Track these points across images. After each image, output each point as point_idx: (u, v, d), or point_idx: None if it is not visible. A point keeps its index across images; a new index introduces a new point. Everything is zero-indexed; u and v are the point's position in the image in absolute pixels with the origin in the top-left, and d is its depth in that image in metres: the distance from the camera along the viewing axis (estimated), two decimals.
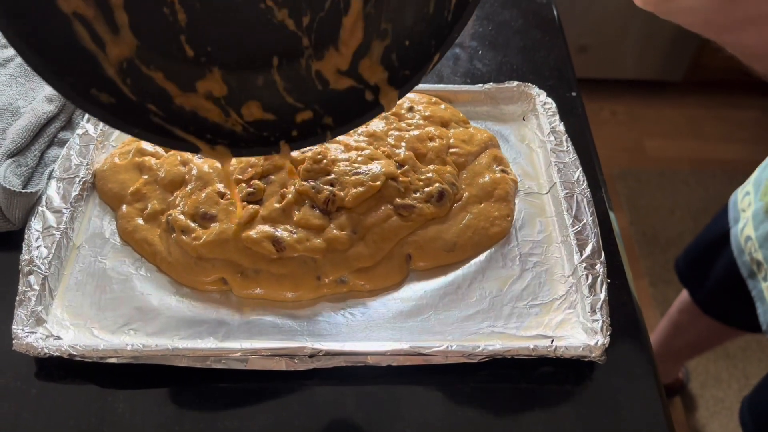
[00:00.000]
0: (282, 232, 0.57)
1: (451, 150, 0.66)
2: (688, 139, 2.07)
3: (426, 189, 0.61)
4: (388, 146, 0.65)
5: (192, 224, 0.57)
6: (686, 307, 1.13)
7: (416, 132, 0.66)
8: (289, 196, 0.59)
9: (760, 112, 2.12)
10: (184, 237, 0.56)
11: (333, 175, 0.60)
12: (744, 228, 0.83)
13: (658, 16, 0.42)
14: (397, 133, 0.66)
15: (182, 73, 0.42)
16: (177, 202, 0.59)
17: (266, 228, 0.57)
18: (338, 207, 0.59)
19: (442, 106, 0.71)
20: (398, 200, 0.60)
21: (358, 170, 0.61)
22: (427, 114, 0.69)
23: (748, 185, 0.85)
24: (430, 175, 0.62)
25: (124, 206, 0.60)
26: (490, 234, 0.60)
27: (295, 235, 0.57)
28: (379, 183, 0.60)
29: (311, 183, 0.59)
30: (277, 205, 0.58)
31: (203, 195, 0.59)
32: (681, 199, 1.87)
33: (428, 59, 0.42)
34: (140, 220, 0.59)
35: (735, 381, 1.50)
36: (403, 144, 0.65)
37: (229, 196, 0.59)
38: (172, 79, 0.42)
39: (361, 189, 0.59)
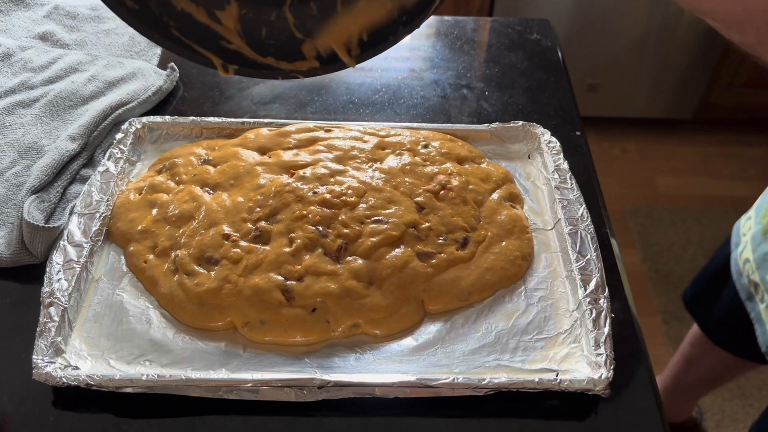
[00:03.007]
0: (291, 281, 0.58)
1: (469, 187, 0.67)
2: (699, 176, 2.07)
3: (449, 234, 0.62)
4: (408, 184, 0.66)
5: (197, 268, 0.59)
6: (697, 340, 1.13)
7: (435, 168, 0.67)
8: (299, 241, 0.60)
9: None
10: (186, 281, 0.58)
11: (347, 230, 0.61)
12: (743, 251, 0.84)
13: None
14: (415, 169, 0.67)
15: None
16: (182, 241, 0.61)
17: (274, 276, 0.58)
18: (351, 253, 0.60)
19: (460, 143, 0.73)
20: (420, 247, 0.61)
21: (377, 217, 0.62)
22: (443, 151, 0.70)
23: (751, 211, 0.87)
24: (454, 218, 0.63)
25: (132, 245, 0.62)
26: (509, 275, 0.60)
27: (303, 282, 0.58)
28: (397, 233, 0.61)
29: (321, 230, 0.61)
30: (286, 250, 0.59)
31: (209, 235, 0.60)
32: (693, 236, 1.87)
33: (431, 2, 0.45)
34: (151, 256, 0.61)
35: (751, 420, 1.47)
36: (422, 181, 0.66)
37: (235, 237, 0.60)
38: (195, 2, 0.46)
39: (377, 239, 0.60)
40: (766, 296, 0.79)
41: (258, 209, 0.62)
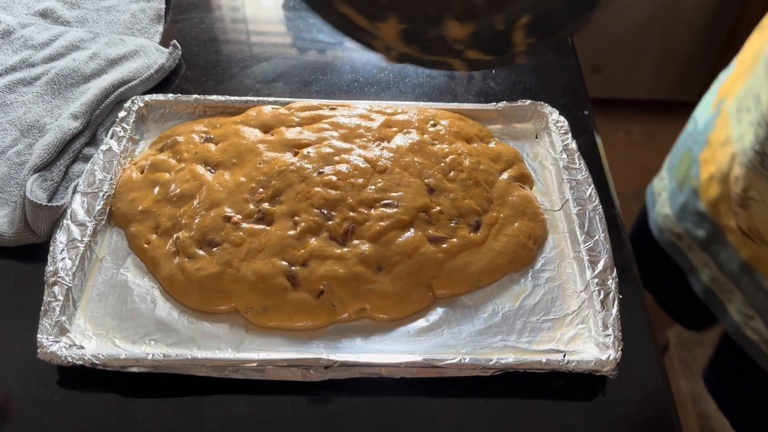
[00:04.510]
0: (295, 266, 0.57)
1: (480, 167, 0.66)
2: None
3: (461, 218, 0.61)
4: (417, 164, 0.64)
5: (198, 251, 0.58)
6: None
7: (445, 147, 0.66)
8: (303, 224, 0.59)
9: None
10: (187, 264, 0.57)
11: (354, 213, 0.60)
12: (661, 208, 0.87)
13: None
14: (425, 149, 0.66)
15: (367, 7, 0.46)
16: (183, 222, 0.60)
17: (277, 260, 0.57)
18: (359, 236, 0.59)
19: (470, 122, 0.71)
20: (431, 231, 0.60)
21: (386, 200, 0.61)
22: (454, 130, 0.69)
23: (663, 172, 0.90)
24: (466, 201, 0.62)
25: (133, 225, 0.61)
26: (520, 258, 0.60)
27: (308, 267, 0.57)
28: (407, 218, 0.60)
29: (326, 213, 0.60)
30: (290, 233, 0.58)
31: (210, 217, 0.59)
32: None
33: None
34: (153, 236, 0.60)
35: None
36: (432, 161, 0.64)
37: (236, 219, 0.60)
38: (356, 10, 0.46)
39: (386, 223, 0.59)
40: (693, 244, 0.81)
41: (261, 190, 0.62)
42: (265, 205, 0.61)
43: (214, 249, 0.58)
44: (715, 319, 0.82)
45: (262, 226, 0.59)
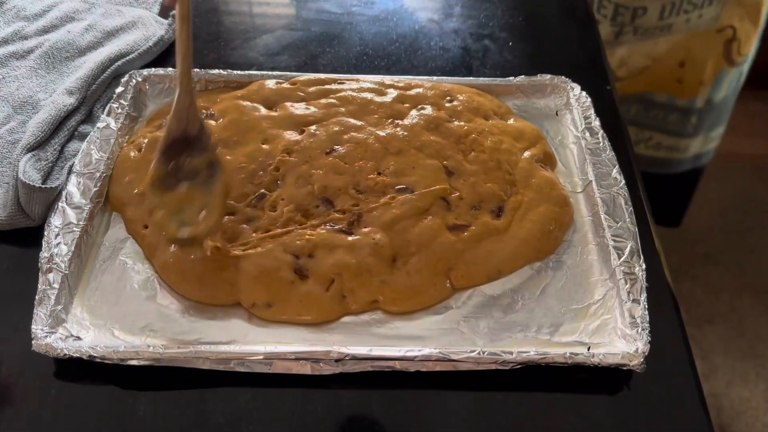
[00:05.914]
0: (301, 257, 0.54)
1: (502, 146, 0.62)
2: None
3: (482, 204, 0.57)
4: (434, 144, 0.61)
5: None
6: None
7: (464, 124, 0.63)
8: (309, 210, 0.56)
9: None
10: (184, 255, 0.54)
11: (365, 198, 0.56)
12: None
13: None
14: (441, 127, 0.62)
15: None
16: None
17: (281, 251, 0.53)
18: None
19: (489, 98, 0.68)
20: (451, 218, 0.56)
21: (401, 185, 0.58)
22: (473, 106, 0.65)
23: None
24: (487, 184, 0.59)
25: (129, 209, 0.58)
26: (544, 247, 0.56)
27: (314, 258, 0.53)
28: (424, 205, 0.56)
29: (334, 198, 0.56)
30: (295, 220, 0.55)
31: None
32: (710, 194, 1.84)
33: None
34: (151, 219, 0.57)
35: (762, 381, 1.46)
36: (450, 141, 0.61)
37: (236, 206, 0.56)
38: None
39: (401, 210, 0.55)
40: None
41: (261, 173, 0.58)
42: (264, 190, 0.57)
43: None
44: None
45: (263, 215, 0.56)
